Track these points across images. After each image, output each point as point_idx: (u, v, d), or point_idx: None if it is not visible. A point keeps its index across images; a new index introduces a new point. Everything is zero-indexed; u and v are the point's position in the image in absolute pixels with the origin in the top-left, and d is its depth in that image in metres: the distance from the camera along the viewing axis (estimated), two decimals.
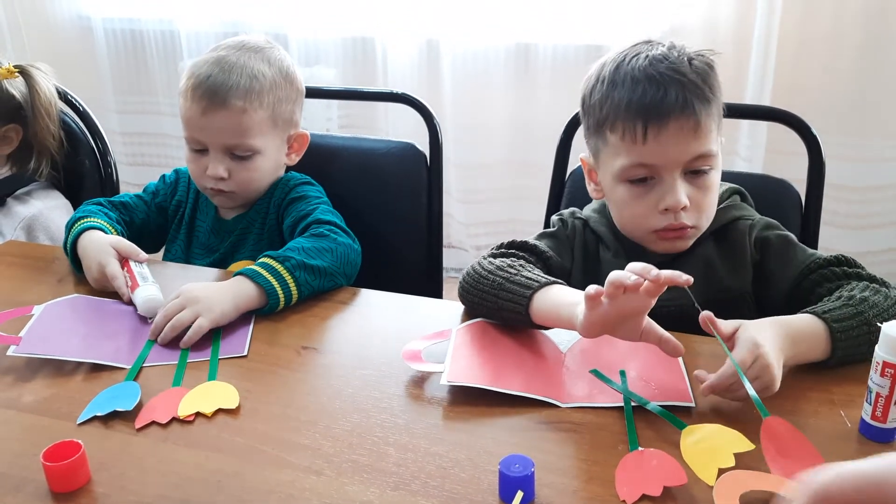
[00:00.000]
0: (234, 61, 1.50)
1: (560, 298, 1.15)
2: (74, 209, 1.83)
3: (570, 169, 1.70)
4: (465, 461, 0.94)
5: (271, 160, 1.57)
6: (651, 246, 1.32)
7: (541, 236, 1.41)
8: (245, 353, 1.21)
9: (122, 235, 1.51)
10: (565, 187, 1.68)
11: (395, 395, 1.08)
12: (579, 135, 1.63)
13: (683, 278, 0.96)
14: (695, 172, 1.26)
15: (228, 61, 1.50)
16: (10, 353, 1.16)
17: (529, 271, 1.23)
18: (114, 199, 1.61)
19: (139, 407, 1.06)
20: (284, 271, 1.31)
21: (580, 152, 1.41)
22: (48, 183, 1.88)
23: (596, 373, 1.10)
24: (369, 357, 1.18)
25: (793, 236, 1.31)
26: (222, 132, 1.50)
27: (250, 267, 1.32)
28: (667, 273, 0.96)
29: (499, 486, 0.88)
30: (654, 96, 1.21)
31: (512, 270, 1.24)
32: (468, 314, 1.29)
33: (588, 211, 1.43)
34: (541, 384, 1.08)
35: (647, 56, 1.25)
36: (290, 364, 1.17)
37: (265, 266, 1.31)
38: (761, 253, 1.30)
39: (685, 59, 1.24)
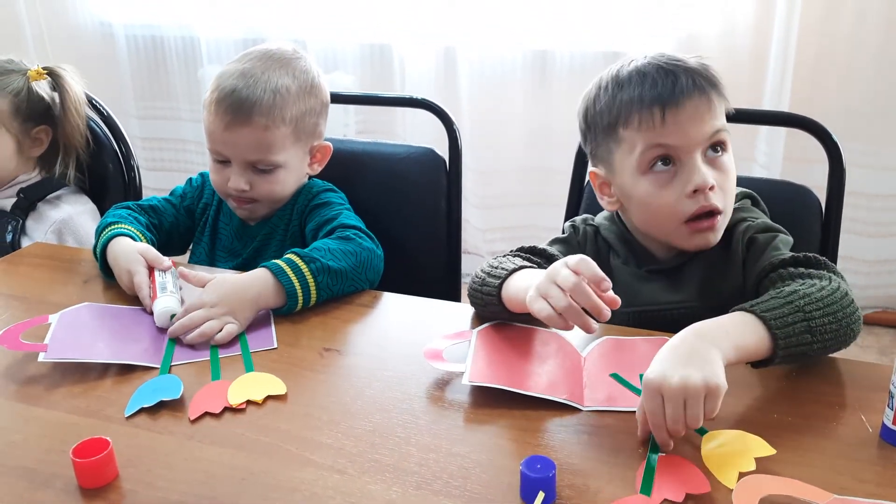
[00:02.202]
0: (259, 75, 1.50)
1: (520, 284, 1.18)
2: (101, 213, 1.85)
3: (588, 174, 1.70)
4: (486, 462, 0.95)
5: (293, 172, 1.58)
6: (681, 243, 1.31)
7: (553, 242, 1.43)
8: (275, 346, 1.23)
9: (152, 239, 1.54)
10: (584, 192, 1.69)
11: (416, 396, 1.09)
12: None
13: (605, 314, 1.03)
14: (714, 151, 1.27)
15: (253, 75, 1.50)
16: (40, 359, 1.17)
17: (509, 261, 1.26)
18: (142, 203, 1.62)
19: (185, 401, 1.08)
20: (308, 273, 1.32)
21: None
22: (77, 188, 1.91)
23: (616, 377, 1.10)
24: (390, 359, 1.19)
25: (785, 239, 1.29)
26: (245, 147, 1.51)
27: (276, 262, 1.33)
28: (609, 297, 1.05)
29: (520, 487, 0.89)
30: (665, 83, 1.25)
31: (494, 263, 1.27)
32: (477, 317, 1.30)
33: (600, 218, 1.45)
34: (561, 386, 1.08)
35: (645, 56, 1.30)
36: (313, 365, 1.18)
37: (290, 264, 1.33)
38: (747, 251, 1.30)
39: (681, 56, 1.29)
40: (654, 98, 1.24)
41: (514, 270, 1.22)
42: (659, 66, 1.27)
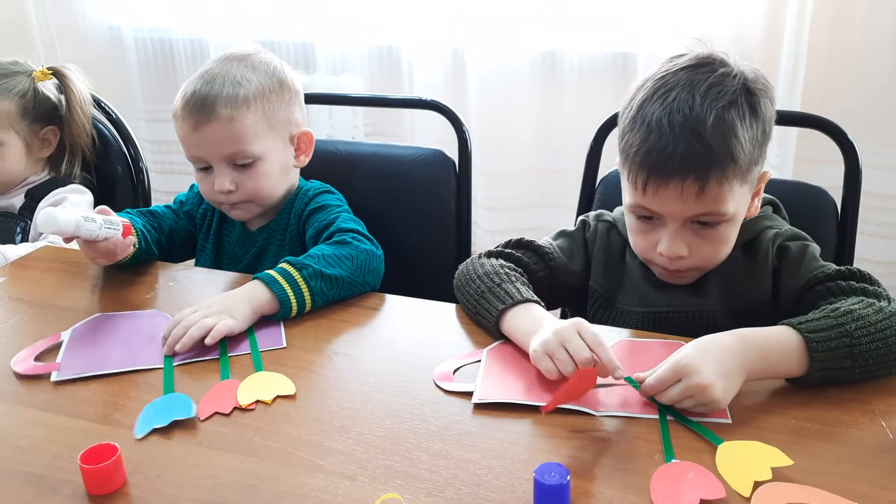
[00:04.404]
0: (217, 72, 1.51)
1: (524, 324, 1.18)
2: None
3: (600, 176, 1.69)
4: (498, 469, 0.94)
5: (276, 164, 1.55)
6: (656, 273, 1.32)
7: (558, 235, 1.43)
8: (284, 345, 1.23)
9: (152, 240, 1.54)
10: (595, 194, 1.67)
11: (426, 401, 1.07)
12: (609, 142, 1.62)
13: (617, 374, 1.05)
14: (703, 224, 1.22)
15: (211, 73, 1.51)
16: (53, 378, 1.15)
17: (512, 283, 1.24)
18: (142, 209, 1.63)
19: (197, 400, 1.08)
20: (300, 279, 1.31)
21: (610, 159, 1.40)
22: (82, 187, 1.89)
23: (630, 381, 1.08)
24: (400, 363, 1.17)
25: (815, 248, 1.28)
26: (217, 144, 1.49)
27: (267, 272, 1.32)
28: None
29: (534, 495, 0.87)
30: (661, 153, 1.16)
31: (496, 279, 1.25)
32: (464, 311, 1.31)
33: (618, 213, 1.41)
34: (574, 393, 1.06)
35: (674, 98, 1.17)
36: (322, 370, 1.17)
37: (282, 272, 1.32)
38: (779, 261, 1.28)
39: (716, 108, 1.15)
40: (643, 164, 1.18)
41: (518, 303, 1.20)
42: (664, 129, 1.16)
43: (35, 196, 1.83)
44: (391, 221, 1.60)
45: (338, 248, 1.40)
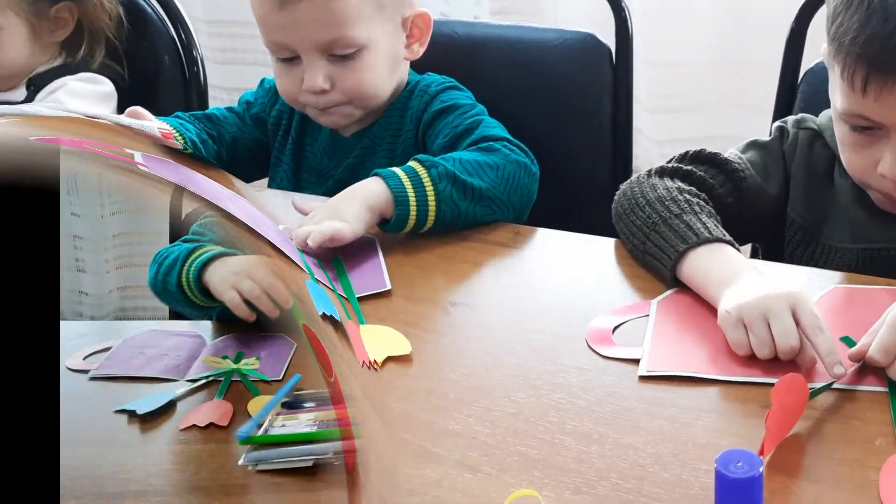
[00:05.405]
0: None
1: (713, 270, 1.17)
2: None
3: (803, 69, 1.66)
4: (668, 457, 0.94)
5: (385, 54, 1.55)
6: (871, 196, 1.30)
7: (749, 146, 1.42)
8: (388, 287, 1.24)
9: (210, 153, 1.55)
10: (797, 92, 1.65)
11: (573, 368, 1.08)
12: (815, 24, 1.57)
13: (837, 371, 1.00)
14: None
15: None
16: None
17: (695, 215, 1.23)
18: (196, 113, 1.64)
19: None
20: (427, 179, 1.33)
21: (816, 47, 1.36)
22: (100, 76, 1.89)
23: (848, 341, 1.07)
24: (539, 316, 1.18)
25: None
26: (310, 27, 1.49)
27: (389, 168, 1.35)
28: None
29: (715, 491, 0.87)
30: (885, 43, 1.14)
31: (674, 208, 1.24)
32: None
33: (824, 119, 1.39)
34: (771, 362, 1.05)
35: None
36: (435, 325, 1.19)
37: (406, 168, 1.34)
38: None
39: None
40: (862, 56, 1.16)
41: (705, 241, 1.19)
42: (893, 10, 1.14)
43: (38, 85, 1.85)
44: (525, 128, 1.59)
45: (481, 154, 1.41)
